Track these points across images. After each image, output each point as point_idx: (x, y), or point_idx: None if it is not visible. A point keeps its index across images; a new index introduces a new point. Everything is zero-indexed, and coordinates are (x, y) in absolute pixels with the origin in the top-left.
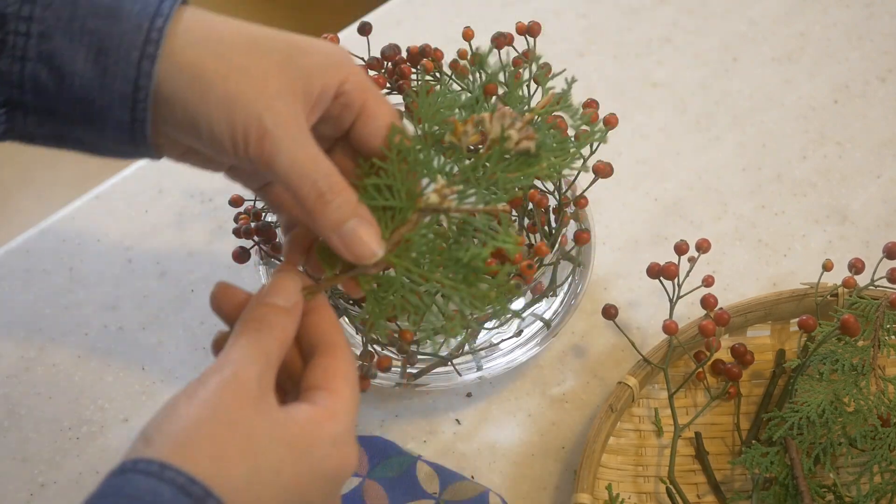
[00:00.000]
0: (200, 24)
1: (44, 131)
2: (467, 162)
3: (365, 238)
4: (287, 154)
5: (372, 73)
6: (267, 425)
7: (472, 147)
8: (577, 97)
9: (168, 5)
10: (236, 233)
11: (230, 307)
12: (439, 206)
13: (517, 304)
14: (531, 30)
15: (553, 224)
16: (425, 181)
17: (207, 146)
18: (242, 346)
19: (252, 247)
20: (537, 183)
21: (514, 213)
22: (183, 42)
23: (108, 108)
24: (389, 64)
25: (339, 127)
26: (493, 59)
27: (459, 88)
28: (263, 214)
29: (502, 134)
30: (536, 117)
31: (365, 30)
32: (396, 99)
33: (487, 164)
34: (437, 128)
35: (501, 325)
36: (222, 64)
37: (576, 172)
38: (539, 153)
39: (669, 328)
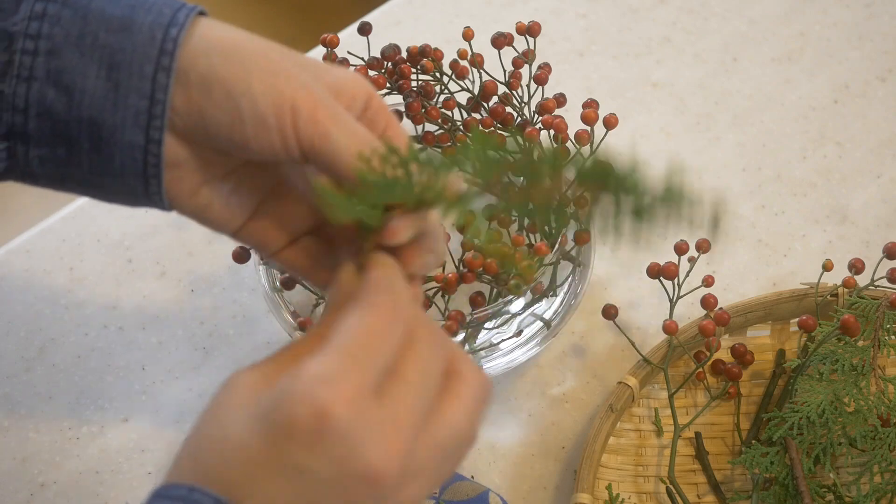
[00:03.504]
0: (219, 32)
1: (46, 170)
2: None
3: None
4: (343, 125)
5: (372, 73)
6: (245, 407)
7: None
8: (577, 97)
9: (183, 14)
10: None
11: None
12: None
13: (517, 305)
14: (531, 30)
15: (553, 224)
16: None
17: (249, 131)
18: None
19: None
20: None
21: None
22: (199, 51)
23: (119, 130)
24: (389, 64)
25: None
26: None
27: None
28: None
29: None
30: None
31: (365, 30)
32: (396, 99)
33: None
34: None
35: (501, 325)
36: (257, 48)
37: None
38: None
39: (669, 328)
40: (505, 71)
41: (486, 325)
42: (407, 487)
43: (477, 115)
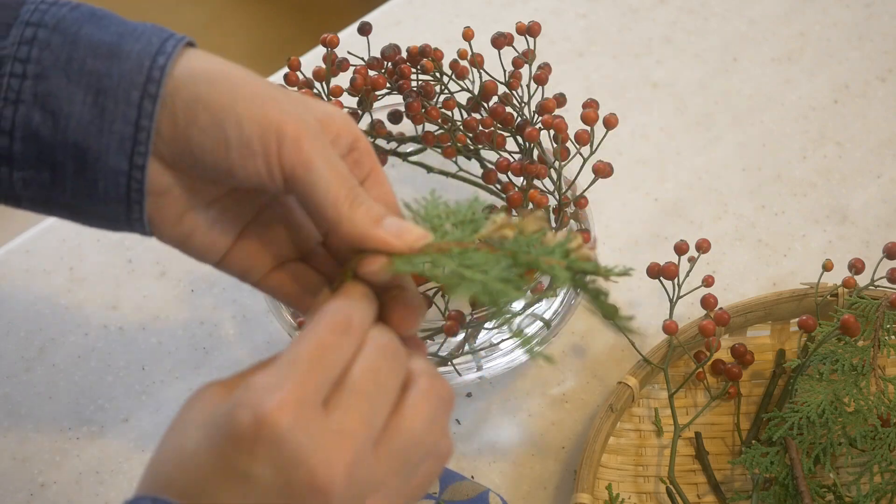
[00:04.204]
0: (206, 62)
1: (30, 193)
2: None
3: (409, 224)
4: (326, 158)
5: (372, 73)
6: (201, 418)
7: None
8: (577, 97)
9: (172, 44)
10: None
11: None
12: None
13: (517, 305)
14: (531, 30)
15: (553, 224)
16: None
17: (235, 156)
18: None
19: None
20: (537, 183)
21: (514, 212)
22: (186, 78)
23: (104, 155)
24: (389, 64)
25: None
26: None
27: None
28: None
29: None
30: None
31: (365, 30)
32: (396, 99)
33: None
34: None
35: (501, 325)
36: (245, 77)
37: (576, 173)
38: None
39: (669, 328)
40: (505, 71)
41: (486, 325)
42: (364, 501)
43: (477, 115)
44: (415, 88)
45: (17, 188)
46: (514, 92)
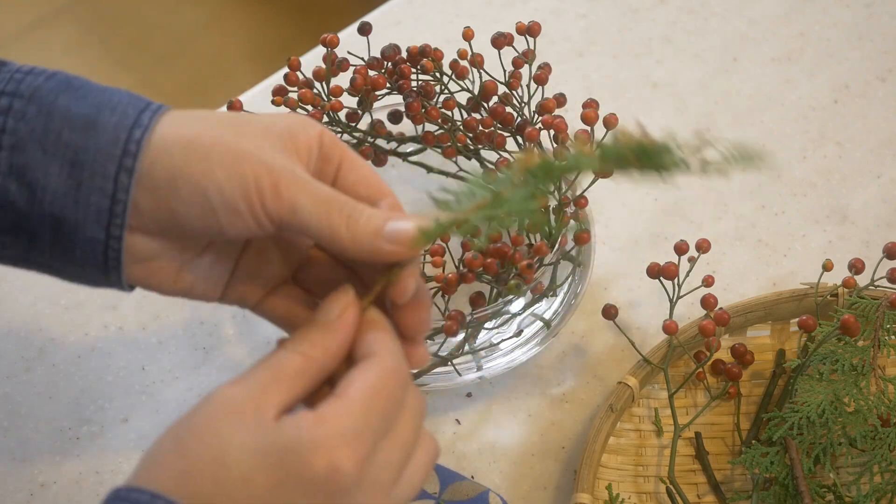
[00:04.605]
0: (178, 129)
1: (10, 253)
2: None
3: (410, 226)
4: (307, 194)
5: (372, 73)
6: (244, 436)
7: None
8: (577, 97)
9: (147, 116)
10: None
11: None
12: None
13: (517, 305)
14: (531, 30)
15: (553, 224)
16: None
17: (223, 219)
18: (253, 366)
19: None
20: None
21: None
22: (161, 150)
23: (81, 226)
24: (389, 64)
25: (324, 181)
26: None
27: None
28: None
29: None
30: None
31: (365, 30)
32: (396, 99)
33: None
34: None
35: (501, 325)
36: (214, 136)
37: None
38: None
39: (669, 328)
40: (505, 71)
41: (486, 325)
42: None
43: (477, 115)
44: (415, 88)
45: None
46: (514, 92)
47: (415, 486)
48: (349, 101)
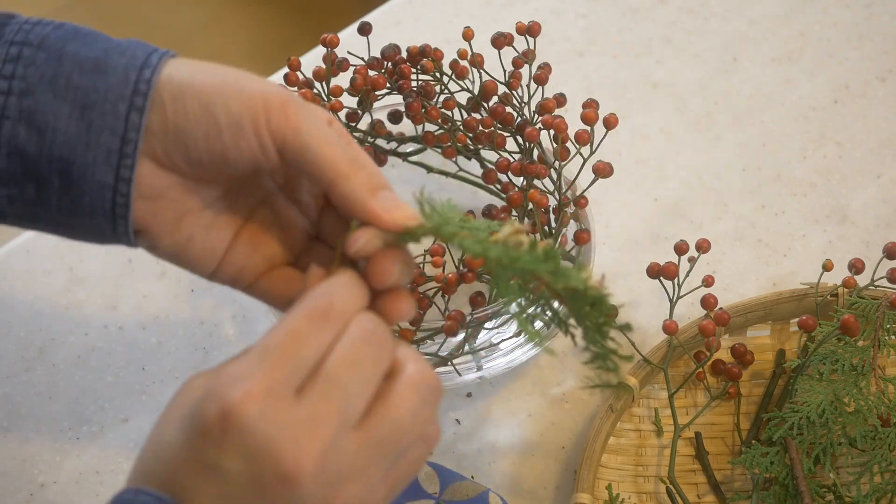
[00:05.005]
0: (189, 64)
1: (15, 209)
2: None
3: (402, 203)
4: (313, 123)
5: (372, 73)
6: (181, 409)
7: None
8: (577, 97)
9: (156, 57)
10: None
11: None
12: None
13: (516, 305)
14: (531, 30)
15: (553, 224)
16: None
17: (227, 139)
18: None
19: None
20: (537, 183)
21: (514, 212)
22: (171, 76)
23: (90, 169)
24: (389, 64)
25: None
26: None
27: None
28: None
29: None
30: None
31: (365, 30)
32: (396, 99)
33: None
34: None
35: (501, 325)
36: (224, 69)
37: (576, 172)
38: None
39: (669, 328)
40: (505, 71)
41: (486, 325)
42: (341, 488)
43: (477, 115)
44: (415, 88)
45: (1, 205)
46: (514, 92)
47: (398, 421)
48: (349, 101)
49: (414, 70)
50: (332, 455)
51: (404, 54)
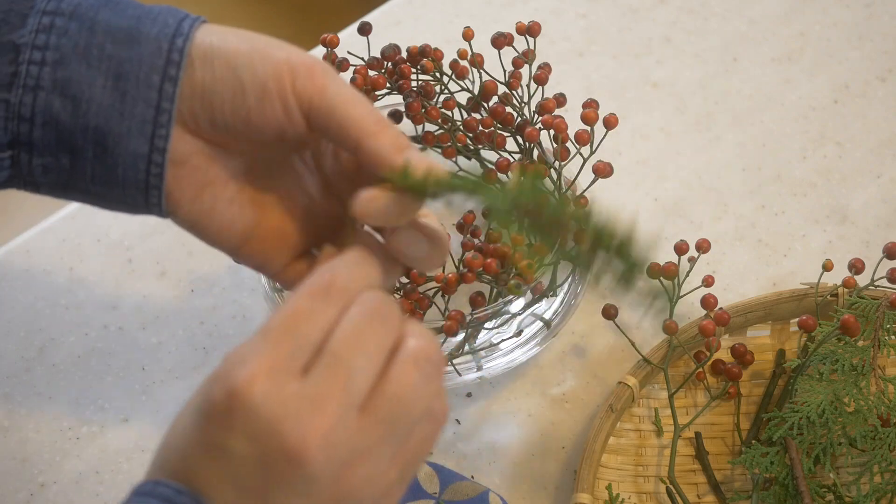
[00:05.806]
0: (219, 28)
1: (49, 179)
2: None
3: (430, 159)
4: (340, 85)
5: (372, 73)
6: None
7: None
8: (577, 97)
9: (188, 24)
10: None
11: None
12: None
13: (517, 305)
14: (531, 30)
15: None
16: None
17: (252, 102)
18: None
19: None
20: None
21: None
22: (201, 40)
23: (125, 138)
24: (389, 64)
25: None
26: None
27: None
28: None
29: None
30: None
31: (365, 30)
32: (396, 99)
33: None
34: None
35: (501, 325)
36: (254, 34)
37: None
38: None
39: (669, 328)
40: (505, 71)
41: (486, 325)
42: (350, 469)
43: (477, 115)
44: (415, 88)
45: (36, 174)
46: (514, 92)
47: (400, 397)
48: None
49: (414, 70)
50: (338, 434)
51: (404, 54)
